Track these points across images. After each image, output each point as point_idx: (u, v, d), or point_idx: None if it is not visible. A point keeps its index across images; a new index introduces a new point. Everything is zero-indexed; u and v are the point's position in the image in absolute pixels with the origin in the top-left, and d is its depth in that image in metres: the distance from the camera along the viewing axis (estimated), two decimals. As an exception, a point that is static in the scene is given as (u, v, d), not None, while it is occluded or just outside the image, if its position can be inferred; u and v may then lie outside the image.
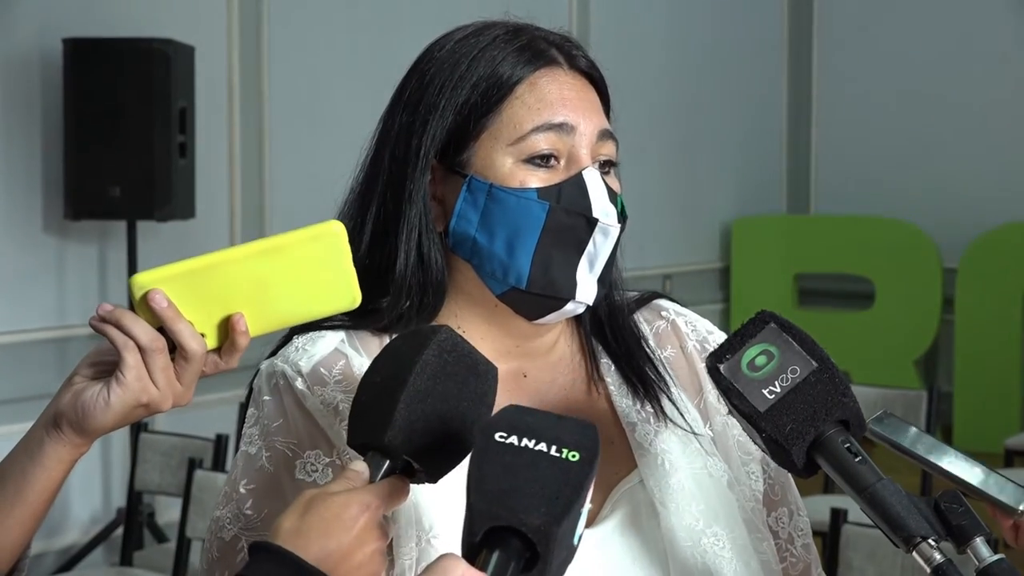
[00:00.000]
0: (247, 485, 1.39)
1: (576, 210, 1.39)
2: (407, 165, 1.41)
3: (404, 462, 1.20)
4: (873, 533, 2.99)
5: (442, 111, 1.40)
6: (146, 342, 1.26)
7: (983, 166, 7.65)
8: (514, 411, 1.17)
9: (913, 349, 7.46)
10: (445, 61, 1.42)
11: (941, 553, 1.19)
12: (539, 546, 1.09)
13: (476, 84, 1.40)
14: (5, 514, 1.31)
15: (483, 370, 1.23)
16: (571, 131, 1.40)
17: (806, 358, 1.26)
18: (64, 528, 5.08)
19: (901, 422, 1.33)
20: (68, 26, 4.91)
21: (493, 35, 1.43)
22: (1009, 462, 5.55)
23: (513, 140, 1.39)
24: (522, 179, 1.39)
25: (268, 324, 1.31)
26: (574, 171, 1.40)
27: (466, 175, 1.40)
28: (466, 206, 1.40)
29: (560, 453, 1.13)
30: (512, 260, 1.39)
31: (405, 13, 6.05)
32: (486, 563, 1.09)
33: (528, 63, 1.41)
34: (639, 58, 7.10)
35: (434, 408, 1.19)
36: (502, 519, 1.09)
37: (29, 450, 1.31)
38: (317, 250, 1.29)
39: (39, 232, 5.00)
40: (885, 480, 1.22)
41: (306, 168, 5.71)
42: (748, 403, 1.25)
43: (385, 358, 1.23)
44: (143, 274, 1.28)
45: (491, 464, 1.12)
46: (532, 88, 1.40)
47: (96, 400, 1.27)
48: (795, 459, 1.24)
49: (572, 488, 1.11)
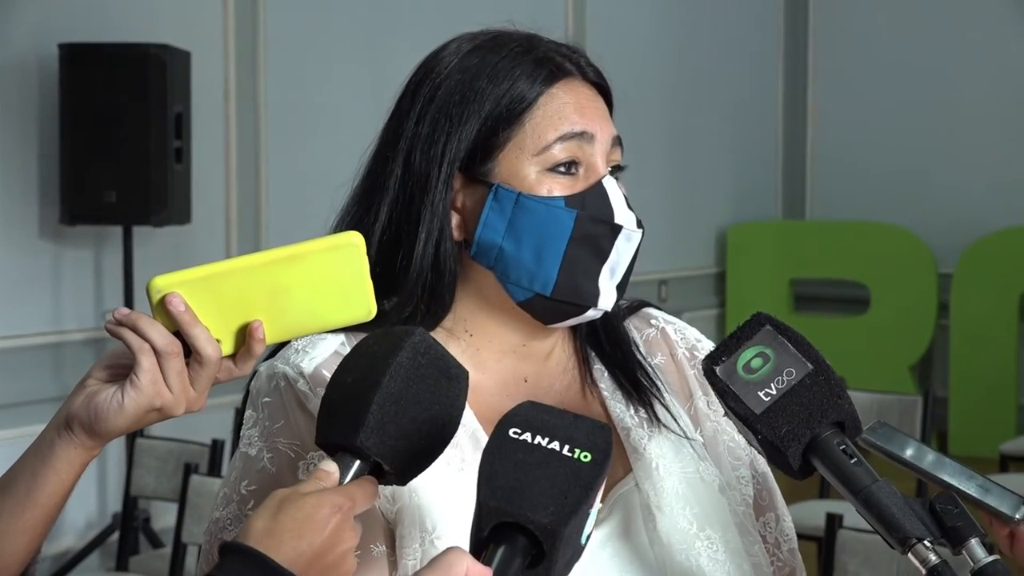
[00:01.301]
0: (248, 486, 1.39)
1: (601, 217, 1.42)
2: (429, 174, 1.43)
3: (374, 463, 1.20)
4: (868, 538, 3.00)
5: (465, 123, 1.42)
6: (162, 346, 1.27)
7: (978, 172, 7.66)
8: (531, 407, 1.17)
9: (908, 354, 7.46)
10: (461, 71, 1.44)
11: (936, 554, 1.19)
12: (545, 544, 1.10)
13: (499, 97, 1.42)
14: (16, 517, 1.31)
15: (455, 373, 1.24)
16: (591, 140, 1.43)
17: (801, 360, 1.26)
18: (60, 533, 5.08)
19: (895, 431, 1.33)
20: (64, 31, 4.91)
21: (509, 48, 1.45)
22: (1004, 467, 5.55)
23: (538, 150, 1.42)
24: (549, 187, 1.42)
25: (283, 332, 1.32)
26: (593, 179, 1.43)
27: (491, 184, 1.42)
28: (492, 214, 1.42)
29: (572, 453, 1.13)
30: (540, 267, 1.41)
31: (401, 18, 6.06)
32: (491, 558, 1.10)
33: (549, 76, 1.44)
34: (635, 64, 7.11)
35: (406, 411, 1.19)
36: (510, 515, 1.10)
37: (40, 452, 1.31)
38: (336, 260, 1.29)
39: (35, 237, 5.00)
40: (881, 482, 1.22)
41: (302, 173, 5.71)
42: (744, 405, 1.25)
43: (357, 357, 1.23)
44: (161, 277, 1.28)
45: (503, 460, 1.13)
46: (553, 100, 1.43)
47: (110, 403, 1.28)
48: (791, 461, 1.24)
49: (582, 488, 1.11)
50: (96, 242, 5.13)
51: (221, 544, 1.14)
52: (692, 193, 7.70)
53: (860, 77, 8.03)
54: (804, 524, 4.33)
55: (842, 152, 8.11)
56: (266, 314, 1.29)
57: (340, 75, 5.91)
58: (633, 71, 7.03)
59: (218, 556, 1.14)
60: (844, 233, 7.73)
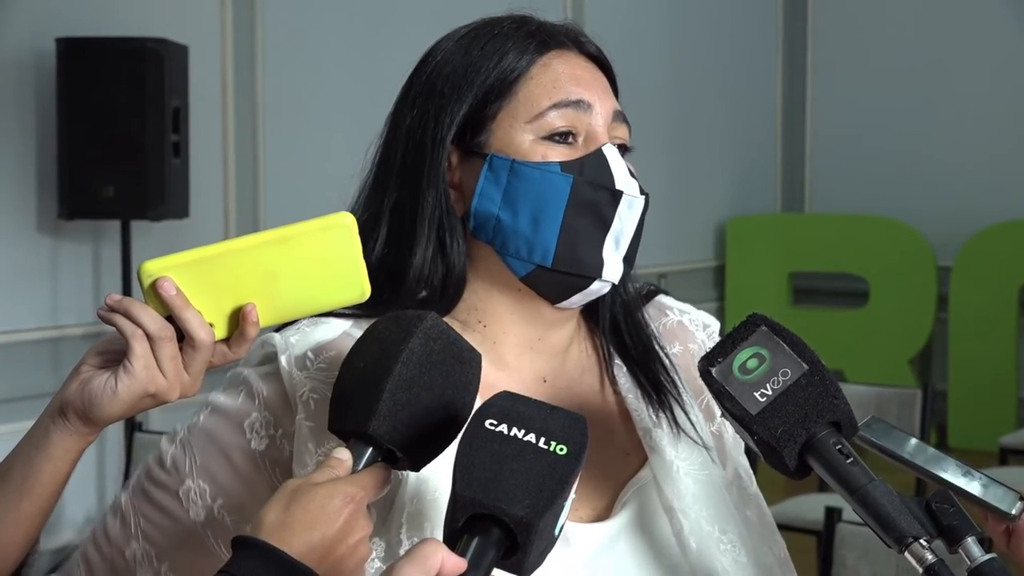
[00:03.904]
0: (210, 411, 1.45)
1: (599, 183, 1.39)
2: (423, 153, 1.41)
3: (387, 450, 1.19)
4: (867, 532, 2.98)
5: (457, 97, 1.41)
6: (154, 330, 1.26)
7: (977, 164, 7.66)
8: (507, 398, 1.17)
9: (907, 347, 7.47)
10: (454, 52, 1.43)
11: (933, 553, 1.19)
12: (520, 537, 1.10)
13: (489, 69, 1.41)
14: (12, 506, 1.30)
15: (467, 357, 1.23)
16: (588, 109, 1.41)
17: (797, 361, 1.26)
18: (58, 528, 5.08)
19: (889, 427, 1.33)
20: (61, 26, 4.91)
21: (501, 25, 1.45)
22: (1004, 460, 5.55)
23: (531, 118, 1.40)
24: (544, 154, 1.39)
25: (277, 315, 1.31)
26: (592, 148, 1.40)
27: (486, 155, 1.40)
28: (487, 184, 1.40)
29: (548, 446, 1.13)
30: (537, 236, 1.39)
31: (399, 13, 6.05)
32: (466, 549, 1.10)
33: (541, 45, 1.43)
34: (633, 57, 7.10)
35: (419, 397, 1.19)
36: (485, 508, 1.10)
37: (35, 440, 1.31)
38: (327, 241, 1.28)
39: (33, 232, 5.00)
40: (876, 481, 1.22)
41: (300, 167, 5.71)
42: (740, 406, 1.25)
43: (369, 342, 1.22)
44: (152, 262, 1.27)
45: (479, 451, 1.12)
46: (546, 68, 1.42)
47: (103, 389, 1.27)
48: (787, 461, 1.24)
49: (557, 482, 1.11)
50: (94, 237, 5.13)
51: (233, 538, 1.14)
52: (691, 186, 7.69)
53: (859, 71, 8.03)
54: (803, 518, 4.33)
55: (841, 145, 8.11)
56: (259, 297, 1.29)
57: (337, 69, 5.90)
58: (632, 65, 7.00)
59: (231, 550, 1.14)
60: (843, 226, 7.72)
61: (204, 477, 1.41)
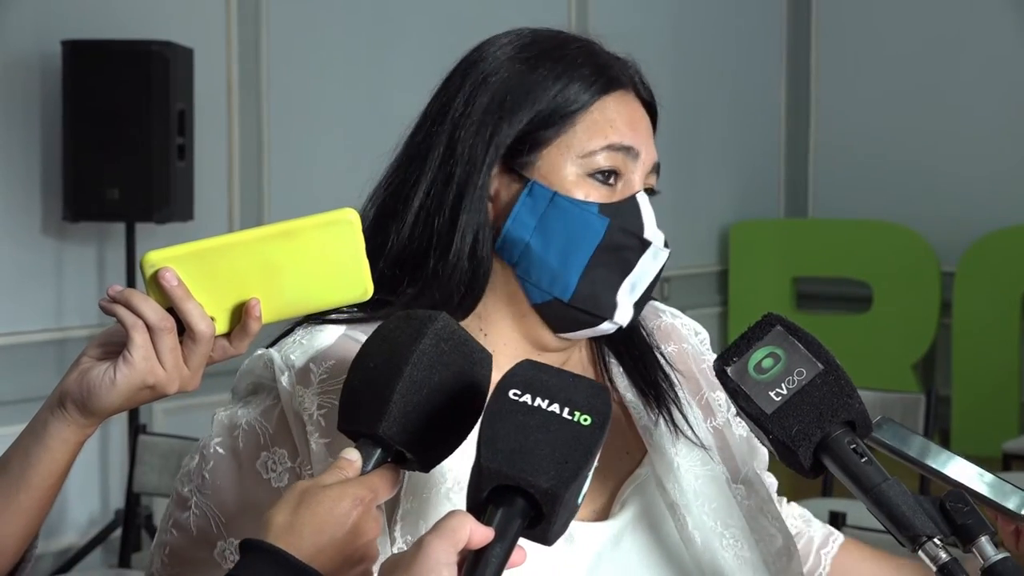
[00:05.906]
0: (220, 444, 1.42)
1: (631, 229, 1.41)
2: (474, 156, 1.40)
3: (396, 451, 1.19)
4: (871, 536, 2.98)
5: (517, 112, 1.41)
6: (155, 321, 1.26)
7: (981, 170, 7.66)
8: (530, 367, 1.17)
9: (911, 353, 7.46)
10: (517, 61, 1.43)
11: (947, 552, 1.19)
12: (545, 507, 1.10)
13: (552, 95, 1.41)
14: (10, 498, 1.29)
15: (478, 358, 1.22)
16: (635, 157, 1.44)
17: (812, 360, 1.27)
18: (62, 530, 5.08)
19: (900, 427, 1.34)
20: (67, 28, 4.91)
21: (570, 47, 1.45)
22: (1007, 466, 5.55)
23: (584, 153, 1.41)
24: (586, 192, 1.40)
25: (278, 311, 1.30)
26: (628, 193, 1.43)
27: (527, 179, 1.40)
28: (524, 210, 1.40)
29: (572, 416, 1.13)
30: (563, 270, 1.40)
31: (404, 16, 6.05)
32: (491, 519, 1.10)
33: (607, 83, 1.44)
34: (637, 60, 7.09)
35: (429, 398, 1.18)
36: (511, 479, 1.10)
37: (34, 431, 1.30)
38: (330, 237, 1.27)
39: (38, 234, 5.00)
40: (891, 480, 1.22)
41: (305, 170, 5.71)
42: (755, 405, 1.26)
43: (380, 342, 1.21)
44: (155, 252, 1.27)
45: (503, 422, 1.12)
46: (606, 108, 1.43)
47: (102, 379, 1.27)
48: (802, 460, 1.24)
49: (582, 453, 1.11)
50: (99, 239, 5.13)
51: (241, 541, 1.14)
52: (695, 191, 7.69)
53: (863, 75, 8.03)
54: (807, 522, 4.32)
55: (845, 150, 8.11)
56: (261, 292, 1.28)
57: (343, 72, 5.91)
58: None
59: (239, 554, 1.13)
60: (847, 231, 7.72)
61: (234, 533, 1.37)
